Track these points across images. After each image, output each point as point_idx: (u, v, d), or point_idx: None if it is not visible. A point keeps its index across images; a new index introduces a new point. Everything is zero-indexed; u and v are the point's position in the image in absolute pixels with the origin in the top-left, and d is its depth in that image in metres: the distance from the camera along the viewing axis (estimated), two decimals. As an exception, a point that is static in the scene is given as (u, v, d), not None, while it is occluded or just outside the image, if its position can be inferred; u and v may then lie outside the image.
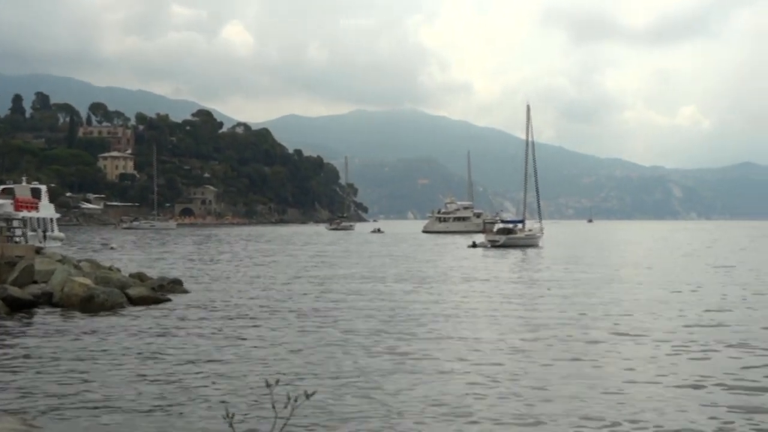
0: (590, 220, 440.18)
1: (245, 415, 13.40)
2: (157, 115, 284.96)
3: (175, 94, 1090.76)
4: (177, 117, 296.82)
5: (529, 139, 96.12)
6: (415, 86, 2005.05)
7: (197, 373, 17.20)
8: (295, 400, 6.85)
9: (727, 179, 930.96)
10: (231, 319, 26.21)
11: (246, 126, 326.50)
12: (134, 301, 29.30)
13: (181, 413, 13.87)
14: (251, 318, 26.50)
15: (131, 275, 35.17)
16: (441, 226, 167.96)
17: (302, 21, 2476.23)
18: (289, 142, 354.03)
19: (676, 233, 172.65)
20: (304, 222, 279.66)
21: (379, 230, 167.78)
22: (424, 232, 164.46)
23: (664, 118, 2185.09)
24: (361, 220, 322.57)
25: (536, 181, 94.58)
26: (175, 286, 34.12)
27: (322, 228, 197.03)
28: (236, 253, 72.15)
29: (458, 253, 76.37)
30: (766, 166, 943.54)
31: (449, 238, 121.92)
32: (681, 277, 45.57)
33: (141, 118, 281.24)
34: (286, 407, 6.80)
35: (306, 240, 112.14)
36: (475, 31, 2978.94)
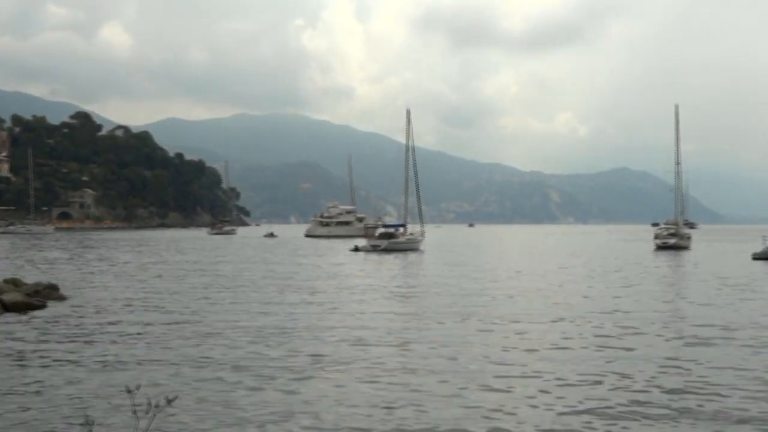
0: (471, 225, 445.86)
1: (106, 420, 13.27)
2: (34, 116, 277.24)
3: (53, 96, 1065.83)
4: (54, 119, 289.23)
5: (410, 143, 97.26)
6: (297, 90, 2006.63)
7: (63, 378, 17.17)
8: (156, 406, 6.97)
9: (602, 184, 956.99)
10: (104, 325, 25.92)
11: (126, 129, 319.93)
12: (8, 308, 28.70)
13: (37, 419, 13.74)
14: (127, 324, 26.24)
15: (5, 281, 34.36)
16: (323, 231, 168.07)
17: (182, 23, 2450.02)
18: (170, 145, 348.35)
19: (551, 237, 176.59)
20: (185, 226, 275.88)
21: (272, 234, 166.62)
22: (307, 236, 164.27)
23: (542, 124, 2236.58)
24: (244, 224, 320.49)
25: (417, 185, 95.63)
26: (51, 291, 33.43)
27: (203, 232, 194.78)
28: (114, 258, 70.85)
29: (338, 258, 76.48)
30: (640, 172, 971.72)
31: (332, 243, 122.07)
32: (554, 280, 46.83)
33: (17, 119, 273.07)
34: (148, 413, 6.91)
35: (187, 245, 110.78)
36: (356, 36, 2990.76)
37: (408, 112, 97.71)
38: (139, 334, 23.75)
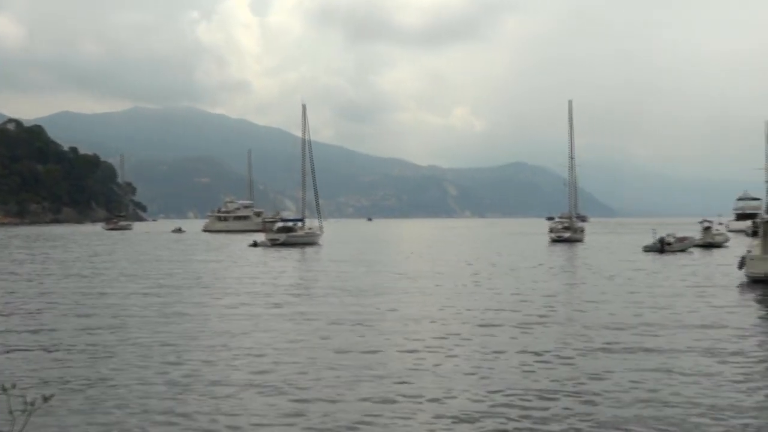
0: (370, 219, 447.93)
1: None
2: None
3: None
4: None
5: (307, 138, 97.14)
6: (193, 84, 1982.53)
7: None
8: (32, 404, 6.87)
9: (498, 178, 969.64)
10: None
11: (18, 122, 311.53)
12: None
13: None
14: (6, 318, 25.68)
15: None
16: (221, 225, 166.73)
17: (75, 14, 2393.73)
18: (64, 139, 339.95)
19: (448, 231, 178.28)
20: (80, 221, 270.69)
21: (180, 230, 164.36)
22: (205, 231, 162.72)
23: (438, 118, 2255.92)
24: (140, 219, 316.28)
25: (314, 179, 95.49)
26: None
27: (98, 227, 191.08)
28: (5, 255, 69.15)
29: (237, 253, 76.02)
30: (535, 166, 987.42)
31: (230, 238, 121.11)
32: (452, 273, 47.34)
33: None
34: (24, 412, 6.82)
35: (79, 240, 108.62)
36: (252, 30, 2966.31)
37: (304, 107, 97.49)
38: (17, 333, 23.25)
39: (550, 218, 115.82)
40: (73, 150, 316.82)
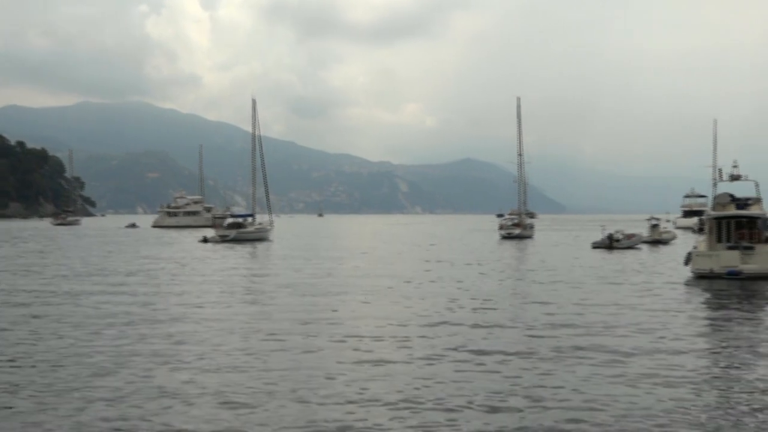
0: (321, 215, 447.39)
1: None
2: None
3: None
4: None
5: (257, 133, 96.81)
6: (143, 78, 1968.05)
7: None
8: None
9: (449, 175, 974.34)
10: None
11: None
12: None
13: None
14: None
15: None
16: (171, 221, 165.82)
17: (22, 6, 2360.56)
18: (11, 133, 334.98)
19: (399, 227, 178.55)
20: (27, 217, 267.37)
21: (134, 225, 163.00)
22: (155, 226, 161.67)
23: (390, 115, 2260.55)
24: (89, 214, 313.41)
25: (265, 175, 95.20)
26: None
27: (46, 223, 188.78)
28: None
29: (186, 249, 75.47)
30: (485, 163, 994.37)
31: (180, 233, 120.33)
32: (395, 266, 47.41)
33: None
34: None
35: (25, 236, 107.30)
36: (202, 24, 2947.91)
37: (254, 102, 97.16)
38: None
39: (500, 215, 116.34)
40: (21, 144, 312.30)
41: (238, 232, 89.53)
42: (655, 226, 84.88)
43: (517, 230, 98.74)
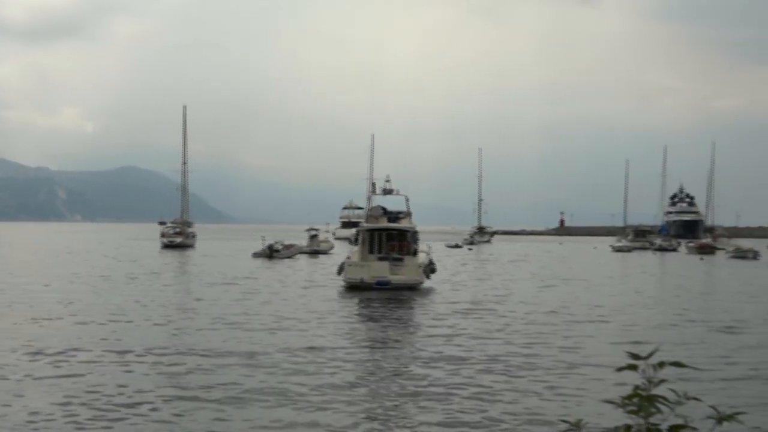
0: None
1: None
2: None
3: None
4: None
5: None
6: None
7: None
8: None
9: (110, 182, 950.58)
10: None
11: None
12: None
13: None
14: None
15: None
16: None
17: None
18: None
19: (55, 236, 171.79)
20: None
21: None
22: None
23: (47, 118, 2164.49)
24: None
25: None
26: None
27: None
28: None
29: None
30: (147, 170, 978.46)
31: None
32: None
33: None
34: None
35: None
36: None
37: None
38: None
39: (162, 223, 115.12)
40: None
41: None
42: (314, 237, 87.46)
43: (179, 239, 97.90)
